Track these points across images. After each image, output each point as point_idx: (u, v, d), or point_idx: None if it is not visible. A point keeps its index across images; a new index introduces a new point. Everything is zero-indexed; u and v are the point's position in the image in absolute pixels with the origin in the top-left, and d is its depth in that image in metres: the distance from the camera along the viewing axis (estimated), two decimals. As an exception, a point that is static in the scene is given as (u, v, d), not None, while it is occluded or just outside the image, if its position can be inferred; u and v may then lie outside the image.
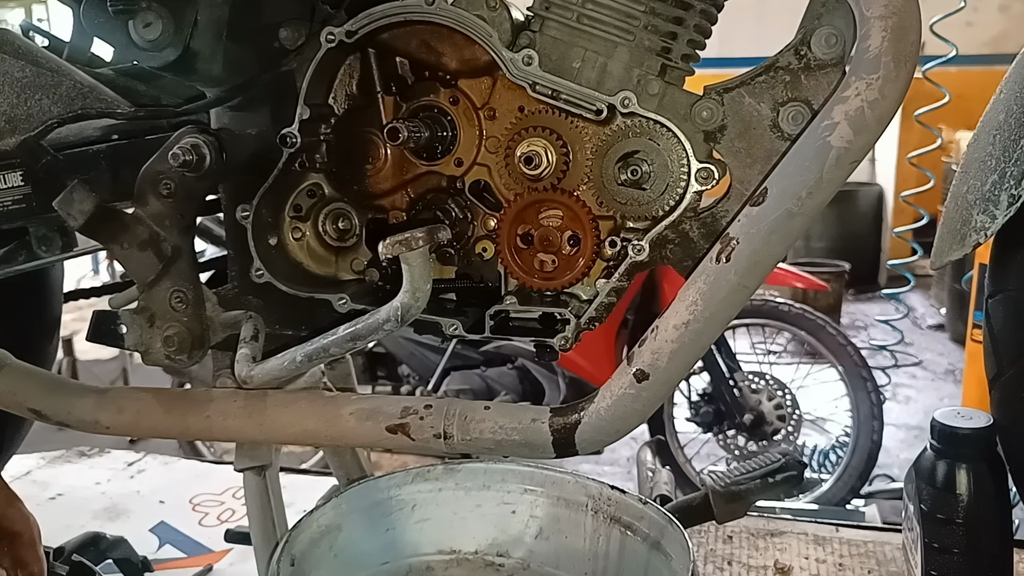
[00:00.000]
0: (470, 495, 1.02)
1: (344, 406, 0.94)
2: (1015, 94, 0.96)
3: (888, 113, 0.77)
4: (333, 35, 0.88)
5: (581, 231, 0.89)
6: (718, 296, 0.82)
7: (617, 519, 0.96)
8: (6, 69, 1.03)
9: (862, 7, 0.77)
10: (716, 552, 1.51)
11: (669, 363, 0.84)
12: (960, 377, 4.08)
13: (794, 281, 3.34)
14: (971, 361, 2.72)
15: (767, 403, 2.96)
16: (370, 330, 0.90)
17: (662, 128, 0.84)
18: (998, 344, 0.99)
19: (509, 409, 0.90)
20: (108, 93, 1.07)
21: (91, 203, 0.86)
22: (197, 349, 0.95)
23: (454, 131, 0.93)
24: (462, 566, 1.01)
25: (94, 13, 0.87)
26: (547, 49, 0.85)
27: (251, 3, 0.89)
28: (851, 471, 2.94)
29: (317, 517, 0.93)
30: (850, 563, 1.46)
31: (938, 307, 5.21)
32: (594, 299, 0.89)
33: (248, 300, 0.98)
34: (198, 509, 1.78)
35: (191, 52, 0.86)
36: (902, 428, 3.73)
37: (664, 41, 0.84)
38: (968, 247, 0.95)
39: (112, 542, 1.35)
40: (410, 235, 0.82)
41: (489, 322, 0.91)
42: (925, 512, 1.06)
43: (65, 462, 2.00)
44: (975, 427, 1.04)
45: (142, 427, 1.00)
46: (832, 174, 0.78)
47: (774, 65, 0.82)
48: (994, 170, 0.94)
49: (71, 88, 1.04)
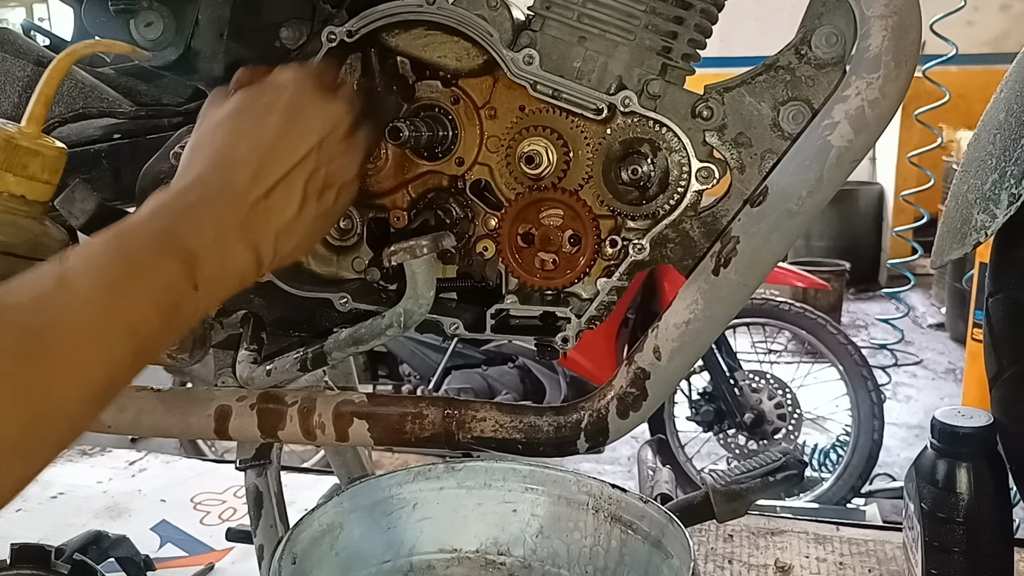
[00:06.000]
0: (471, 494, 1.02)
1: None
2: (1016, 93, 0.96)
3: (888, 112, 0.77)
4: (334, 35, 0.88)
5: (582, 230, 0.89)
6: (719, 295, 0.82)
7: (618, 518, 0.96)
8: (7, 68, 1.03)
9: (862, 6, 0.77)
10: (717, 551, 1.51)
11: (669, 362, 0.84)
12: (960, 376, 4.08)
13: (794, 280, 3.34)
14: (971, 360, 2.72)
15: (768, 402, 2.96)
16: (373, 335, 0.90)
17: (663, 127, 0.85)
18: (998, 343, 0.99)
19: (510, 408, 0.90)
20: (109, 92, 1.07)
21: (93, 202, 0.86)
22: (199, 348, 0.95)
23: (455, 130, 0.93)
24: (463, 564, 1.01)
25: (95, 12, 0.87)
26: (548, 48, 0.85)
27: (252, 3, 0.89)
28: (851, 470, 2.94)
29: (318, 516, 0.93)
30: (850, 562, 1.46)
31: (938, 306, 5.21)
32: (595, 298, 0.89)
33: (250, 299, 0.98)
34: (199, 508, 1.78)
35: (192, 51, 0.86)
36: (903, 427, 3.73)
37: (665, 40, 0.84)
38: (968, 246, 0.96)
39: (114, 541, 1.36)
40: (415, 242, 0.83)
41: (490, 321, 0.91)
42: (926, 511, 1.06)
43: (66, 461, 2.01)
44: (975, 426, 1.05)
45: (144, 426, 1.00)
46: (832, 173, 0.78)
47: (774, 64, 0.82)
48: (995, 169, 0.94)
49: (72, 87, 1.04)
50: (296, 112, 0.70)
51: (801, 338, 3.06)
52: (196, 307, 0.61)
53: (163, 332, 0.58)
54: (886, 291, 4.62)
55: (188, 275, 0.59)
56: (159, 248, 0.59)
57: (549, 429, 0.88)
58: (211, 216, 0.63)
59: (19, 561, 1.20)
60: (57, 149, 0.81)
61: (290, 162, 0.68)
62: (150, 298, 0.57)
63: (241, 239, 0.64)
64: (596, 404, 0.88)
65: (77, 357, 0.53)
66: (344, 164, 0.74)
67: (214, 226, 0.63)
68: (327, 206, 0.73)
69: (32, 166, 0.78)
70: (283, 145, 0.69)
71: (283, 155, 0.68)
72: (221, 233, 0.63)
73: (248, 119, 0.70)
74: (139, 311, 0.56)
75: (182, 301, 0.59)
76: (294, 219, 0.69)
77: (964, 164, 1.05)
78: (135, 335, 0.55)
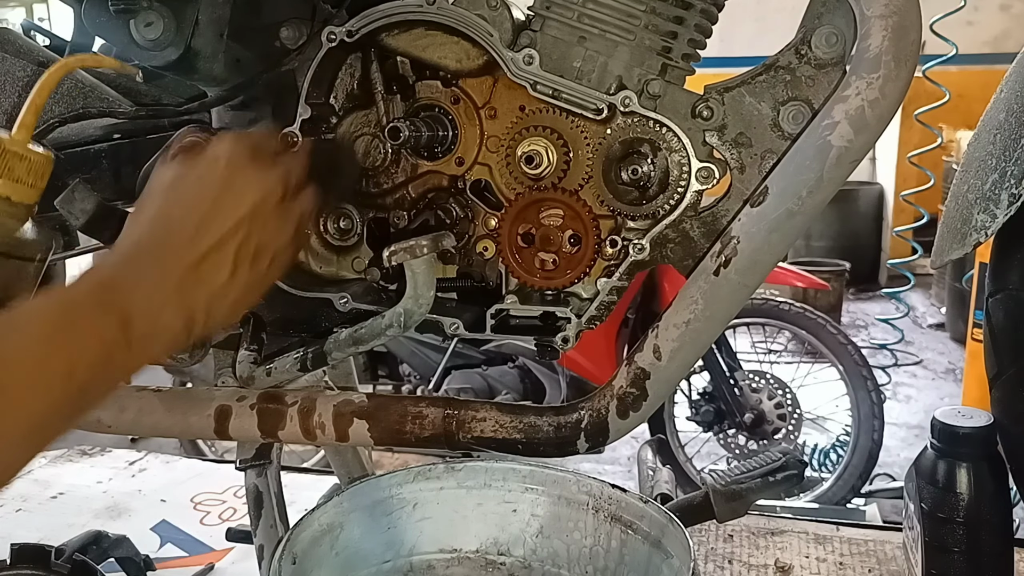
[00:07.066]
0: (471, 494, 1.02)
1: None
2: (1016, 93, 0.96)
3: (888, 112, 0.77)
4: (334, 34, 0.88)
5: (582, 230, 0.89)
6: (719, 295, 0.82)
7: (618, 518, 0.96)
8: (8, 68, 1.03)
9: (863, 6, 0.77)
10: (717, 551, 1.51)
11: (670, 362, 0.84)
12: (960, 376, 4.08)
13: (794, 280, 3.33)
14: (972, 360, 2.72)
15: (768, 402, 2.96)
16: (372, 335, 0.90)
17: (663, 127, 0.85)
18: (998, 343, 0.99)
19: (510, 408, 0.90)
20: (109, 92, 1.07)
21: (93, 202, 0.86)
22: (199, 348, 0.95)
23: (455, 130, 0.93)
24: (463, 564, 1.01)
25: (95, 12, 0.87)
26: (548, 48, 0.85)
27: (252, 3, 0.89)
28: (851, 470, 2.93)
29: (318, 516, 0.93)
30: (850, 562, 1.46)
31: (938, 306, 5.20)
32: (595, 298, 0.89)
33: (249, 299, 0.98)
34: (199, 508, 1.78)
35: (192, 51, 0.86)
36: (903, 427, 3.73)
37: (665, 40, 0.84)
38: (968, 246, 0.96)
39: (114, 541, 1.36)
40: (415, 243, 0.83)
41: (490, 321, 0.91)
42: (926, 511, 1.06)
43: (67, 461, 2.01)
44: (975, 426, 1.05)
45: (144, 426, 1.00)
46: (832, 173, 0.78)
47: (774, 64, 0.82)
48: (995, 169, 0.94)
49: (72, 87, 1.04)
50: (228, 182, 0.74)
51: (801, 338, 3.05)
52: (128, 362, 0.65)
53: (97, 382, 0.63)
54: (886, 291, 4.61)
55: (123, 332, 0.64)
56: (96, 306, 0.64)
57: (549, 429, 0.88)
58: (145, 279, 0.68)
59: (19, 561, 1.20)
60: (44, 156, 0.85)
61: (221, 230, 0.72)
62: (85, 350, 0.62)
63: (173, 302, 0.68)
64: (596, 404, 0.88)
65: (15, 399, 0.57)
66: (277, 231, 0.77)
67: (148, 288, 0.67)
68: (260, 272, 0.76)
69: (19, 170, 0.83)
70: (215, 214, 0.72)
71: (215, 223, 0.72)
72: (154, 295, 0.67)
73: (183, 189, 0.74)
74: (73, 361, 0.61)
75: (115, 355, 0.64)
76: (226, 284, 0.72)
77: (964, 164, 1.05)
78: (70, 382, 0.60)
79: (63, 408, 0.61)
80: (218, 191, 0.73)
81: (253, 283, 0.75)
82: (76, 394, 0.61)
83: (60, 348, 0.60)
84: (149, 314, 0.66)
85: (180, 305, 0.69)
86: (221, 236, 0.72)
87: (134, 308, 0.65)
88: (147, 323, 0.66)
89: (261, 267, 0.75)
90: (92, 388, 0.63)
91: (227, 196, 0.73)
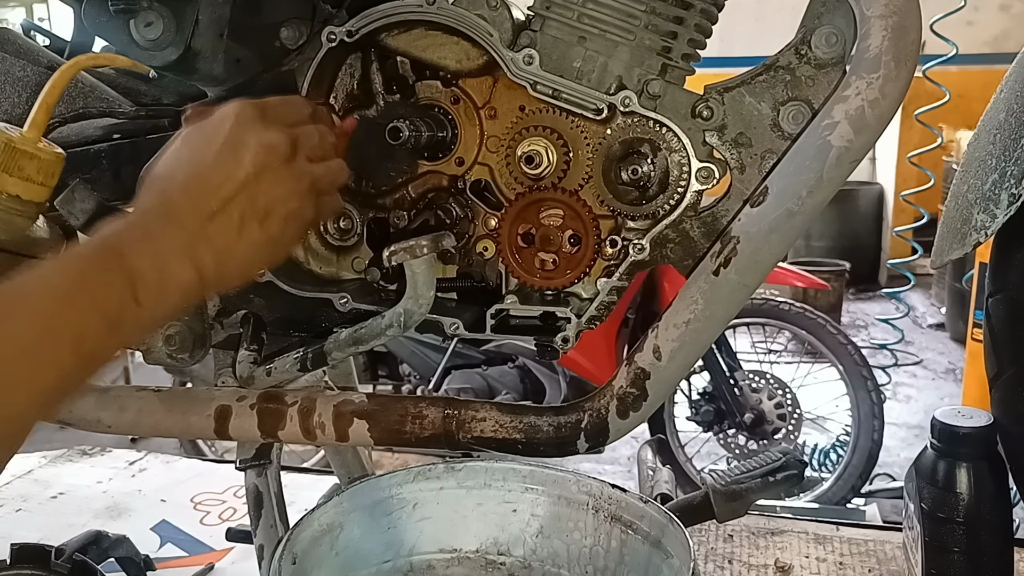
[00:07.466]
0: (471, 494, 1.02)
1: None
2: (1016, 93, 0.96)
3: (888, 112, 0.77)
4: (334, 34, 0.88)
5: (582, 230, 0.89)
6: (719, 295, 0.82)
7: (618, 518, 0.96)
8: (7, 68, 1.03)
9: (862, 6, 0.77)
10: (717, 551, 1.51)
11: (669, 362, 0.84)
12: (960, 376, 4.08)
13: (794, 280, 3.33)
14: (972, 360, 2.72)
15: (767, 402, 2.96)
16: (372, 335, 0.90)
17: (663, 127, 0.85)
18: (998, 343, 0.99)
19: (510, 408, 0.90)
20: (109, 92, 1.07)
21: (93, 202, 0.86)
22: (199, 348, 0.95)
23: (455, 130, 0.93)
24: (463, 564, 1.01)
25: (95, 12, 0.87)
26: (548, 48, 0.85)
27: (252, 3, 0.89)
28: (851, 470, 2.93)
29: (318, 516, 0.93)
30: (850, 562, 1.46)
31: (938, 306, 5.20)
32: (595, 298, 0.89)
33: (250, 299, 0.99)
34: (199, 508, 1.78)
35: (192, 51, 0.86)
36: (903, 427, 3.73)
37: (665, 40, 0.84)
38: (968, 246, 0.96)
39: (114, 541, 1.36)
40: (415, 243, 0.83)
41: (490, 321, 0.91)
42: (926, 511, 1.06)
43: (67, 461, 2.01)
44: (975, 426, 1.05)
45: (144, 426, 1.00)
46: (832, 173, 0.78)
47: (774, 64, 0.82)
48: (995, 169, 0.94)
49: (73, 87, 1.04)
50: (233, 142, 0.74)
51: (801, 338, 3.05)
52: (139, 320, 0.66)
53: (107, 341, 0.64)
54: (886, 291, 4.61)
55: (131, 290, 0.64)
56: (104, 265, 0.65)
57: (549, 429, 0.88)
58: (152, 238, 0.68)
59: (19, 561, 1.20)
60: (55, 154, 0.85)
61: (227, 189, 0.72)
62: (94, 309, 0.62)
63: (182, 259, 0.69)
64: (596, 404, 0.88)
65: (24, 362, 0.58)
66: (287, 192, 0.76)
67: (155, 247, 0.68)
68: (272, 232, 0.75)
69: (29, 169, 0.82)
70: (219, 173, 0.73)
71: (219, 182, 0.72)
72: (161, 253, 0.68)
73: (189, 150, 0.75)
74: (83, 320, 0.61)
75: (125, 313, 0.64)
76: (235, 242, 0.72)
77: (964, 164, 1.05)
78: (80, 343, 0.61)
79: (74, 372, 0.61)
80: (221, 151, 0.73)
81: (265, 243, 0.75)
82: (86, 355, 0.62)
83: (67, 307, 0.61)
84: (157, 272, 0.66)
85: (188, 263, 0.69)
86: (226, 194, 0.72)
87: (142, 266, 0.65)
88: (155, 281, 0.66)
89: (272, 228, 0.75)
90: (103, 348, 0.63)
91: (231, 155, 0.73)
